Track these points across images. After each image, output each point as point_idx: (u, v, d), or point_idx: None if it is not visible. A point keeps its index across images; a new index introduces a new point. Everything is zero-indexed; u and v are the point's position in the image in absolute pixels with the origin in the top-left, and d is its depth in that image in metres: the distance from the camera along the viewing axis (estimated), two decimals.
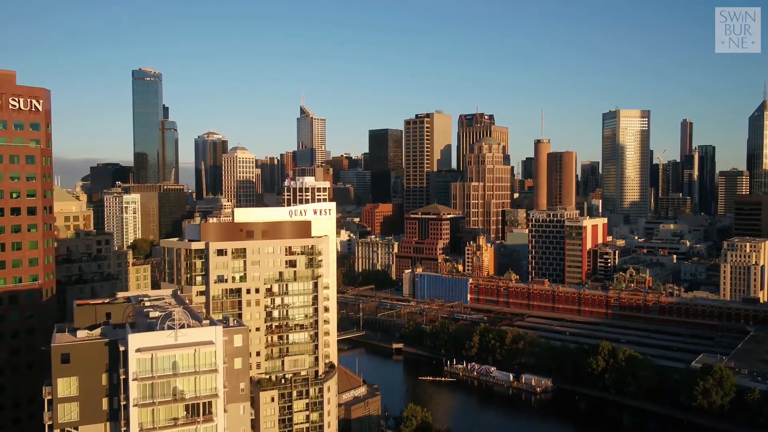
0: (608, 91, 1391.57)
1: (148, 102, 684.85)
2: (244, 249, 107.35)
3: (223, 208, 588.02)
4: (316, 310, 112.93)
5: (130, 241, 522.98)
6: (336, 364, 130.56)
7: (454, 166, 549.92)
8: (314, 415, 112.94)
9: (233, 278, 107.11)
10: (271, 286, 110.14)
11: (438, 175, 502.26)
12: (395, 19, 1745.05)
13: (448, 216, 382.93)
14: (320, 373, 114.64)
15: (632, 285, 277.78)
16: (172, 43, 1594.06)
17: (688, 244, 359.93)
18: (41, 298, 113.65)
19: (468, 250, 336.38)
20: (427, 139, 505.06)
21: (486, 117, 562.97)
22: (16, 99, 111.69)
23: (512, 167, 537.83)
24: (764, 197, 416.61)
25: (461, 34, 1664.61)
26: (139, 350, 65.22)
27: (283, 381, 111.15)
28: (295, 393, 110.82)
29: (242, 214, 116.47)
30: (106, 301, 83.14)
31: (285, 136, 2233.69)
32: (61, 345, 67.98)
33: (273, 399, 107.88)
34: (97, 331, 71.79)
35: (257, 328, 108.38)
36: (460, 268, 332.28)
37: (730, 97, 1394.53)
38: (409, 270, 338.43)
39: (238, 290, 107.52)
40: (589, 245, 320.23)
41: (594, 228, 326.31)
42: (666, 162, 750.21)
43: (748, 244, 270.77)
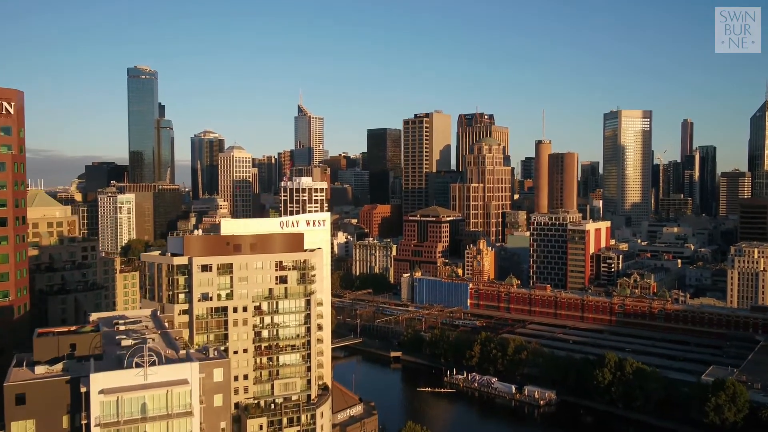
0: (608, 91, 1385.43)
1: (144, 100, 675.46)
2: (231, 264, 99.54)
3: (219, 209, 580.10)
4: (309, 329, 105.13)
5: (125, 242, 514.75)
6: (331, 384, 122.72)
7: (454, 166, 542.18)
8: None
9: (219, 296, 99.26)
10: (260, 304, 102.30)
11: (437, 176, 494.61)
12: (394, 17, 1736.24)
13: (448, 218, 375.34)
14: (313, 397, 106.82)
15: (636, 291, 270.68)
16: (168, 40, 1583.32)
17: (693, 247, 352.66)
18: (12, 315, 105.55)
19: (468, 254, 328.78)
20: (426, 140, 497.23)
21: (486, 117, 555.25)
22: None
23: (512, 168, 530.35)
24: None
25: (461, 33, 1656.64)
26: (102, 392, 57.37)
27: (273, 406, 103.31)
28: (285, 420, 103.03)
29: (229, 226, 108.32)
30: (72, 329, 75.14)
31: (282, 135, 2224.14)
32: (16, 384, 60.01)
33: (261, 427, 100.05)
34: (59, 365, 63.81)
35: (245, 350, 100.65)
36: (460, 272, 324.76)
37: (731, 98, 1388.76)
38: (408, 274, 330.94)
39: (224, 309, 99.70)
40: (592, 249, 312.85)
41: (597, 232, 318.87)
42: (666, 162, 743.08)
43: (756, 250, 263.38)
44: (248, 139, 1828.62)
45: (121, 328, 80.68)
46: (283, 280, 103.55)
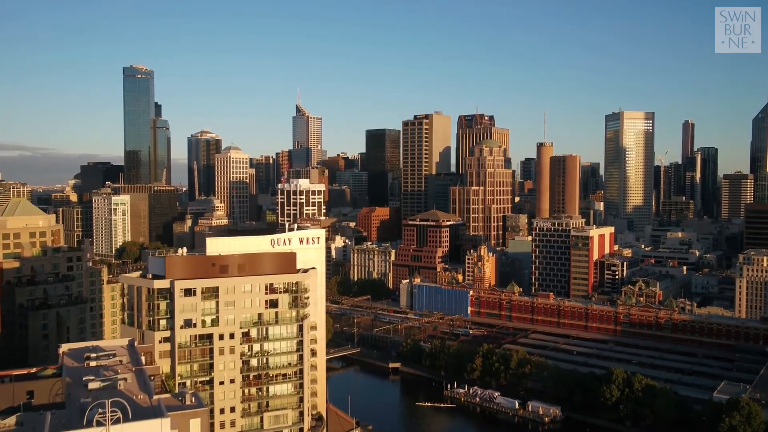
0: (608, 91, 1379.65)
1: (139, 100, 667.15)
2: (217, 288, 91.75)
3: (216, 210, 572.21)
4: (302, 357, 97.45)
5: (119, 244, 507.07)
6: (326, 410, 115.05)
7: (454, 168, 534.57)
8: None
9: (203, 322, 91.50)
10: (249, 330, 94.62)
11: (437, 179, 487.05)
12: (393, 16, 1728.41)
13: (448, 223, 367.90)
14: (306, 430, 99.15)
15: (642, 299, 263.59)
16: (164, 39, 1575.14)
17: (698, 253, 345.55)
18: None
19: (469, 260, 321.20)
20: (426, 141, 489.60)
21: (486, 118, 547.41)
22: None
23: (513, 171, 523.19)
24: None
25: (460, 33, 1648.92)
26: None
27: None
28: None
29: (216, 245, 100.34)
30: (33, 371, 67.25)
31: (280, 135, 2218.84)
32: None
33: None
34: (12, 419, 56.03)
35: (232, 380, 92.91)
36: (460, 278, 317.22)
37: (732, 99, 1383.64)
38: (407, 280, 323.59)
39: (209, 336, 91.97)
40: (596, 256, 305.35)
41: (601, 238, 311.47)
42: (668, 164, 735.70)
43: (765, 258, 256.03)
44: (246, 139, 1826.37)
45: (92, 363, 73.07)
46: (274, 304, 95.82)
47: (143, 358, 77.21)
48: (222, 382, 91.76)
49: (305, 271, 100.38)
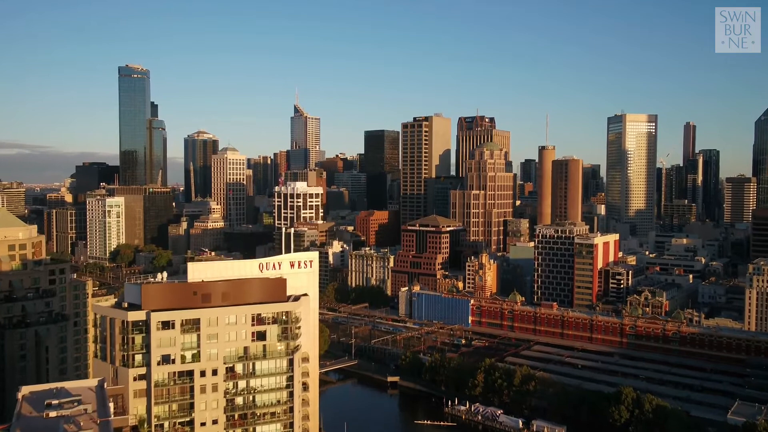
0: (609, 92, 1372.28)
1: (135, 99, 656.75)
2: (198, 319, 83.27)
3: (212, 212, 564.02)
4: (292, 394, 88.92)
5: (113, 247, 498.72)
6: None
7: (454, 171, 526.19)
8: None
9: (183, 357, 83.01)
10: (234, 365, 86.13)
11: (436, 182, 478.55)
12: (393, 16, 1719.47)
13: (448, 228, 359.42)
14: None
15: (648, 310, 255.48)
16: (161, 39, 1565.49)
17: (703, 260, 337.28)
18: None
19: (469, 267, 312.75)
20: (425, 144, 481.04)
21: (486, 120, 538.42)
22: None
23: (515, 174, 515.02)
24: None
25: (460, 34, 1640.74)
26: None
27: None
28: None
29: (198, 270, 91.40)
30: None
31: (278, 135, 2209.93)
32: None
33: None
34: None
35: (214, 421, 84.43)
36: (460, 285, 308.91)
37: (734, 101, 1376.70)
38: (406, 287, 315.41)
39: (190, 373, 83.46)
40: (600, 264, 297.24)
41: (605, 245, 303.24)
42: (669, 167, 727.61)
43: None
44: (243, 139, 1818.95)
45: (52, 414, 64.67)
46: (262, 336, 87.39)
47: (112, 405, 68.75)
48: (204, 423, 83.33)
49: (296, 299, 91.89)
